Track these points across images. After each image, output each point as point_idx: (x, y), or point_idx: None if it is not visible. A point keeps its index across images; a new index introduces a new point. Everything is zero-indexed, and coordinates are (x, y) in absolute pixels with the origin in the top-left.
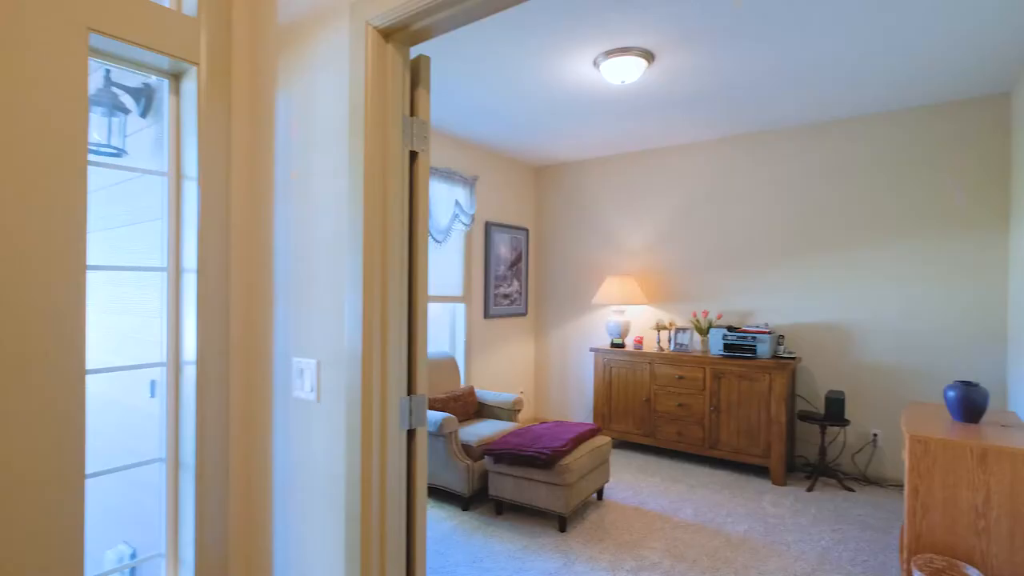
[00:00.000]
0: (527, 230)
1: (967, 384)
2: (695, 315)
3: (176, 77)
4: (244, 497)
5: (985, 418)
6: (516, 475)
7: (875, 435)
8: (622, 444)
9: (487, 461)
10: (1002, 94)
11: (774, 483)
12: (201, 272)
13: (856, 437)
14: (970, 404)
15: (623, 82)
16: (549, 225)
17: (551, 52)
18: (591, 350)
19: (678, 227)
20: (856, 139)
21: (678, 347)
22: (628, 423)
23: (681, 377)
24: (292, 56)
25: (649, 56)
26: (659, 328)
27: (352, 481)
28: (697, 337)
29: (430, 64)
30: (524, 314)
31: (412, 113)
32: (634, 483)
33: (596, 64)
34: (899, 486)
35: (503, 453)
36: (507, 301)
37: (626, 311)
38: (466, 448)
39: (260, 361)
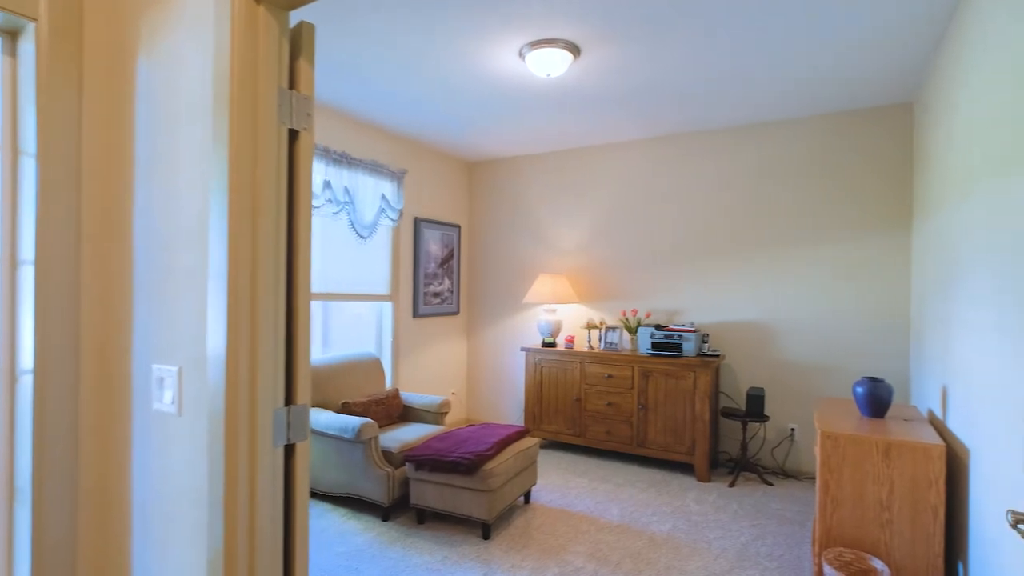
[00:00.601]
0: (459, 227)
1: (873, 380)
2: (624, 314)
3: (12, 35)
4: (97, 529)
5: (890, 412)
6: (438, 482)
7: (792, 430)
8: (553, 444)
9: (408, 468)
10: (906, 104)
11: (699, 479)
12: (40, 264)
13: (775, 432)
14: (876, 399)
15: (549, 75)
16: (482, 222)
17: (473, 39)
18: (522, 349)
19: (610, 226)
20: (776, 143)
21: (608, 346)
22: (559, 423)
23: (610, 376)
24: (156, 16)
25: (575, 49)
26: (590, 327)
27: (215, 507)
28: (627, 336)
29: (314, 33)
30: (456, 313)
31: (292, 87)
32: (562, 484)
33: (521, 55)
34: (814, 478)
35: (425, 459)
36: (438, 300)
37: (558, 310)
38: (387, 455)
39: (117, 369)
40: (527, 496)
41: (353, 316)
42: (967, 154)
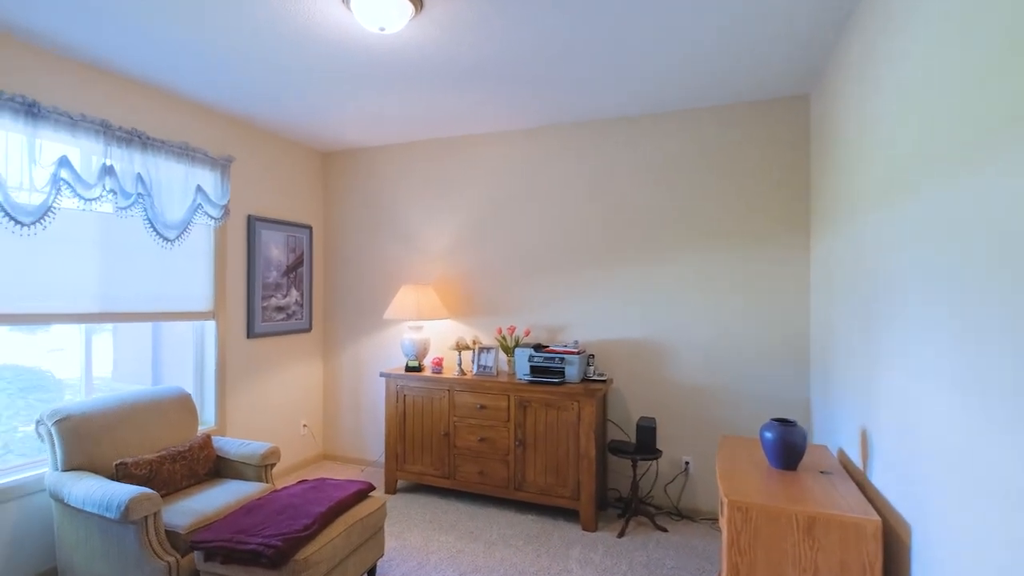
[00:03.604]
0: (310, 228)
1: (784, 423)
2: (501, 331)
3: None
4: None
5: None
6: None
7: (687, 463)
8: (417, 488)
9: (196, 557)
10: (802, 95)
11: (584, 529)
12: None
13: (668, 465)
14: (789, 449)
15: (382, 29)
16: (339, 222)
17: None
18: (382, 375)
19: (484, 229)
20: (664, 139)
21: (482, 370)
22: (425, 462)
23: (483, 407)
24: None
25: None
26: (460, 347)
27: None
28: (503, 357)
29: None
30: (308, 330)
31: None
32: (422, 547)
33: (345, 1)
34: (712, 519)
35: (216, 546)
36: (282, 315)
37: (424, 327)
38: (173, 536)
39: None
40: (372, 572)
41: (180, 340)
42: (893, 150)
